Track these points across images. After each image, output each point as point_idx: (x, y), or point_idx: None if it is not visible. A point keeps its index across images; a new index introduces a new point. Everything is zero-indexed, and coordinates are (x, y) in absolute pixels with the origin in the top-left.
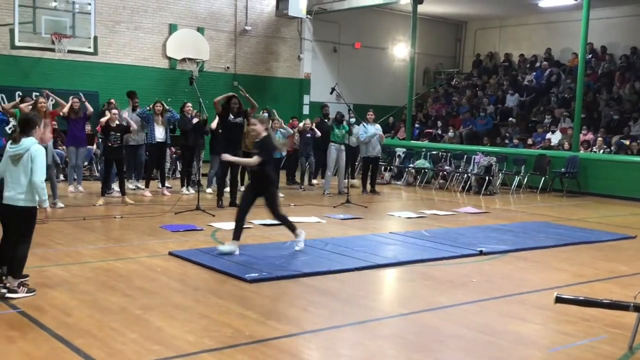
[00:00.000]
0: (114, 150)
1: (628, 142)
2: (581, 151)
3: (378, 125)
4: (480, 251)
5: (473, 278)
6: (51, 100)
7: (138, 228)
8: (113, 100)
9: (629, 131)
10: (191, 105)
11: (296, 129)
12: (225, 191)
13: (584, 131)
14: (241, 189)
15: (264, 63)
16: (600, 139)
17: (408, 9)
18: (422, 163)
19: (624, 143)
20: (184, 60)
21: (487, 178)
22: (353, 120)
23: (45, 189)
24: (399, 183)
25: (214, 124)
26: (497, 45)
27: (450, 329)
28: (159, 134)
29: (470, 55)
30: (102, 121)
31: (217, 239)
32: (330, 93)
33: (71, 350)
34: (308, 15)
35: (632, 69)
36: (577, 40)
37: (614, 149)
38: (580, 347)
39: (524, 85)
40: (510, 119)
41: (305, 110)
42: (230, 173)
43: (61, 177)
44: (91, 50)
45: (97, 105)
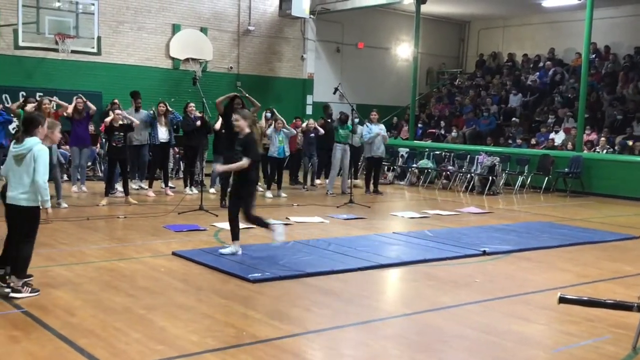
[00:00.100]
0: (118, 150)
1: (631, 143)
2: (585, 151)
3: (382, 125)
4: (484, 251)
5: (476, 278)
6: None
7: (141, 228)
8: (117, 100)
9: (632, 131)
10: (194, 106)
11: (299, 129)
12: (228, 191)
13: (587, 131)
14: None
15: (267, 63)
16: (603, 139)
17: (411, 9)
18: (425, 163)
19: (627, 143)
20: (187, 60)
21: (491, 178)
22: (357, 120)
23: (48, 189)
24: (402, 183)
25: (218, 124)
26: (501, 45)
27: (453, 329)
28: (162, 134)
29: (474, 55)
30: (107, 121)
31: (220, 239)
32: (334, 93)
33: (75, 350)
34: (311, 16)
35: (636, 68)
36: (581, 40)
37: (617, 149)
38: (584, 348)
39: (528, 85)
40: (513, 119)
41: (309, 110)
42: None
43: (65, 177)
44: (94, 50)
45: (101, 105)
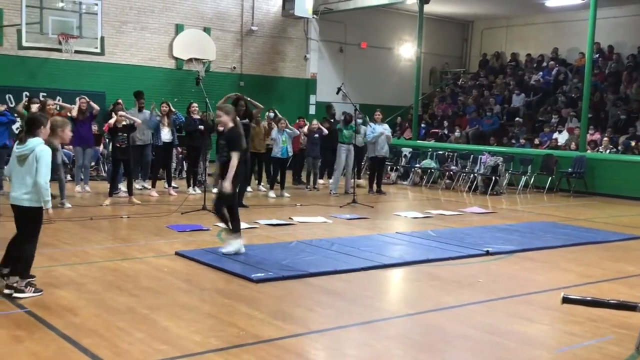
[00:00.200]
0: (122, 150)
1: (634, 143)
2: (588, 151)
3: (386, 125)
4: (487, 251)
5: (479, 278)
6: (56, 106)
7: (145, 228)
8: (121, 100)
9: (635, 131)
10: (197, 106)
11: (302, 130)
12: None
13: (591, 131)
14: (248, 188)
15: (270, 63)
16: (606, 139)
17: (414, 8)
18: (429, 163)
19: (631, 143)
20: (190, 60)
21: (494, 178)
22: (360, 120)
23: (49, 190)
24: (405, 183)
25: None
26: (504, 45)
27: (456, 329)
28: (165, 134)
29: (477, 55)
30: (111, 123)
31: (223, 239)
32: (337, 93)
33: (78, 350)
34: (314, 15)
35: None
36: (584, 39)
37: (621, 149)
38: (587, 348)
39: (531, 85)
40: (516, 118)
41: (312, 110)
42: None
43: (68, 177)
44: (98, 50)
45: (104, 105)
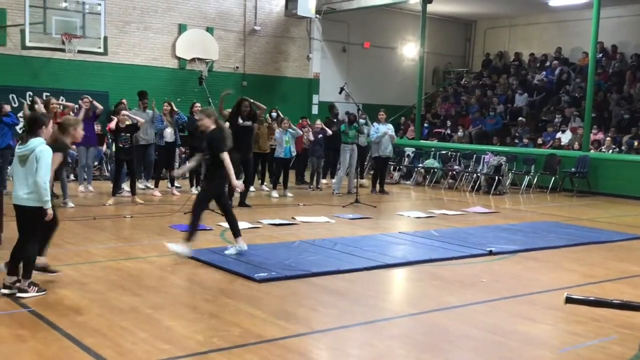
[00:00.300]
0: (125, 150)
1: (637, 143)
2: (591, 151)
3: (390, 125)
4: (490, 251)
5: (482, 278)
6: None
7: (148, 228)
8: (125, 100)
9: (638, 130)
10: (200, 106)
11: (306, 129)
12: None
13: (594, 131)
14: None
15: (273, 63)
16: (608, 139)
17: (417, 8)
18: (432, 163)
19: (634, 143)
20: (193, 60)
21: (497, 178)
22: (363, 121)
23: (48, 190)
24: (408, 183)
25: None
26: (507, 45)
27: (459, 329)
28: (168, 135)
29: (480, 54)
30: (111, 127)
31: (226, 239)
32: (339, 93)
33: (81, 350)
34: (317, 15)
35: None
36: (588, 39)
37: (624, 148)
38: (590, 348)
39: (534, 84)
40: (520, 118)
41: (315, 110)
42: (244, 173)
43: (71, 177)
44: (101, 50)
45: (107, 105)
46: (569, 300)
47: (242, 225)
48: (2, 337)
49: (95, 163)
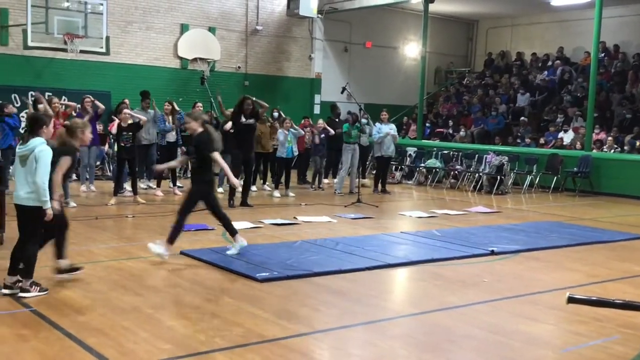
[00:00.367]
0: (127, 150)
1: (639, 143)
2: (594, 150)
3: (392, 125)
4: (492, 251)
5: (484, 278)
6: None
7: (150, 227)
8: (127, 100)
9: None
10: (201, 106)
11: (308, 129)
12: (236, 190)
13: (596, 130)
14: (252, 187)
15: (275, 63)
16: (610, 139)
17: (419, 7)
18: (433, 162)
19: (636, 143)
20: (195, 60)
21: (499, 177)
22: (365, 120)
23: (47, 190)
24: (410, 182)
25: (228, 125)
26: (509, 44)
27: (461, 329)
28: (170, 135)
29: (482, 54)
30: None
31: (228, 239)
32: (341, 92)
33: (83, 349)
34: (319, 15)
35: None
36: (590, 38)
37: (627, 148)
38: (592, 348)
39: (536, 84)
40: (522, 118)
41: (316, 109)
42: (244, 173)
43: (73, 177)
44: (103, 50)
45: (109, 105)
46: (571, 300)
47: (244, 224)
48: (5, 337)
49: (97, 163)
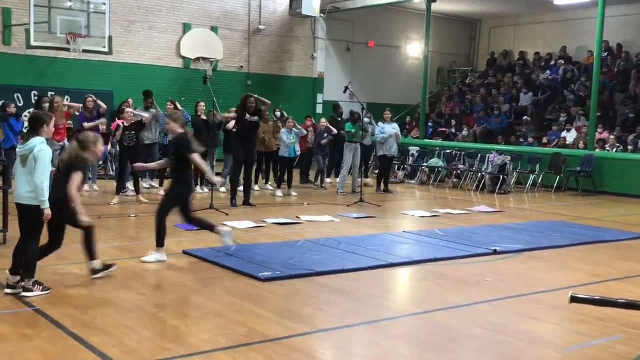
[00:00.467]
0: (129, 149)
1: None
2: (596, 150)
3: (395, 125)
4: (495, 250)
5: (487, 277)
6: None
7: (152, 227)
8: (130, 100)
9: None
10: (204, 105)
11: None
12: (239, 190)
13: (599, 130)
14: (255, 187)
15: (277, 62)
16: (612, 138)
17: (422, 7)
18: (436, 162)
19: (639, 142)
20: (198, 59)
21: (502, 177)
22: (367, 120)
23: (45, 190)
24: (412, 182)
25: (231, 124)
26: (512, 44)
27: (464, 329)
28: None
29: (485, 53)
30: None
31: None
32: (344, 92)
33: (86, 349)
34: (321, 14)
35: None
36: (593, 38)
37: (630, 148)
38: (595, 347)
39: (539, 83)
40: (524, 117)
41: (319, 109)
42: (245, 172)
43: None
44: (106, 50)
45: (112, 104)
46: (574, 299)
47: (247, 224)
48: (8, 336)
49: (100, 162)
